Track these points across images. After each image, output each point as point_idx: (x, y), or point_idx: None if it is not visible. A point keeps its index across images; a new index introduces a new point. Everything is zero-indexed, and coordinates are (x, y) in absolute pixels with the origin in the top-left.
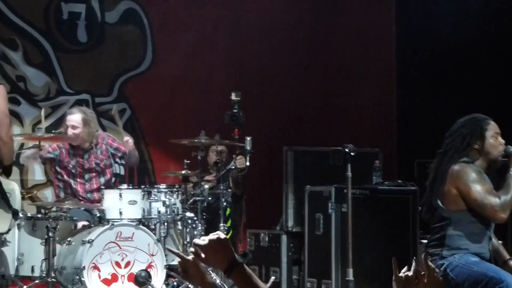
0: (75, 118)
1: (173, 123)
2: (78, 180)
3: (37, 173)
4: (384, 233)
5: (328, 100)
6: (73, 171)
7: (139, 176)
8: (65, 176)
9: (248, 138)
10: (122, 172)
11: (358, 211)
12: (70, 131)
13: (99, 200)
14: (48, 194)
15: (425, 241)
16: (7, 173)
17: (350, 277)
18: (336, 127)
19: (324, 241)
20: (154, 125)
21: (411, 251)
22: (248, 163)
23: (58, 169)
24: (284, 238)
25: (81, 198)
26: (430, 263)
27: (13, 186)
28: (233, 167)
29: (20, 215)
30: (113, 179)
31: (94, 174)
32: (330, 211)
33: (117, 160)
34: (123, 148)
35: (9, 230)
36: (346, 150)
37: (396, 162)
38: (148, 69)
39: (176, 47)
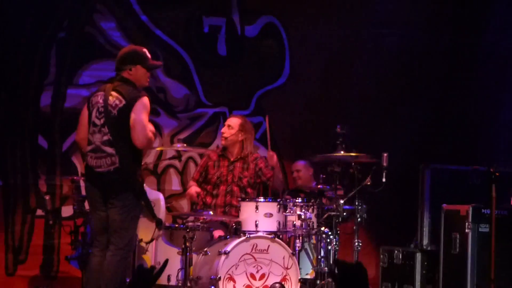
0: (234, 120)
1: (309, 138)
2: (220, 191)
3: (174, 183)
4: None
5: (465, 118)
6: (217, 182)
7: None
8: (208, 188)
9: (385, 155)
10: None
11: (496, 232)
12: (225, 129)
13: (236, 214)
14: (184, 204)
15: None
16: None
17: None
18: (472, 145)
19: (460, 260)
20: (290, 139)
21: None
22: (384, 180)
23: (204, 185)
24: (418, 256)
25: (218, 210)
26: None
27: (158, 196)
28: (368, 183)
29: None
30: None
31: (235, 188)
32: (467, 230)
33: (258, 182)
34: (269, 174)
35: (152, 239)
36: (491, 170)
37: None
38: (285, 83)
39: (313, 62)
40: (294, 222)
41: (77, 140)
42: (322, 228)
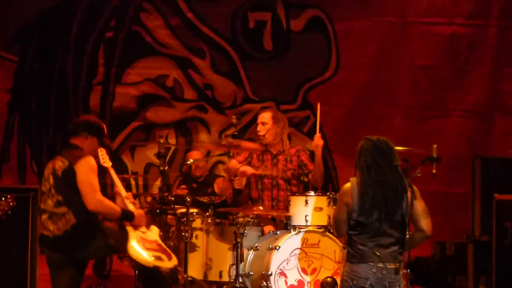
0: (265, 115)
1: (357, 130)
2: (265, 186)
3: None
4: None
5: None
6: (261, 175)
7: (325, 183)
8: (253, 183)
9: (435, 146)
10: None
11: None
12: (260, 128)
13: (284, 208)
14: None
15: None
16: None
17: None
18: None
19: None
20: (337, 132)
21: None
22: (434, 171)
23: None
24: (470, 247)
25: (266, 204)
26: None
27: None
28: (419, 175)
29: (209, 220)
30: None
31: (280, 181)
32: None
33: (302, 176)
34: (311, 167)
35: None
36: None
37: None
38: (332, 76)
39: (360, 54)
40: None
41: None
42: None
